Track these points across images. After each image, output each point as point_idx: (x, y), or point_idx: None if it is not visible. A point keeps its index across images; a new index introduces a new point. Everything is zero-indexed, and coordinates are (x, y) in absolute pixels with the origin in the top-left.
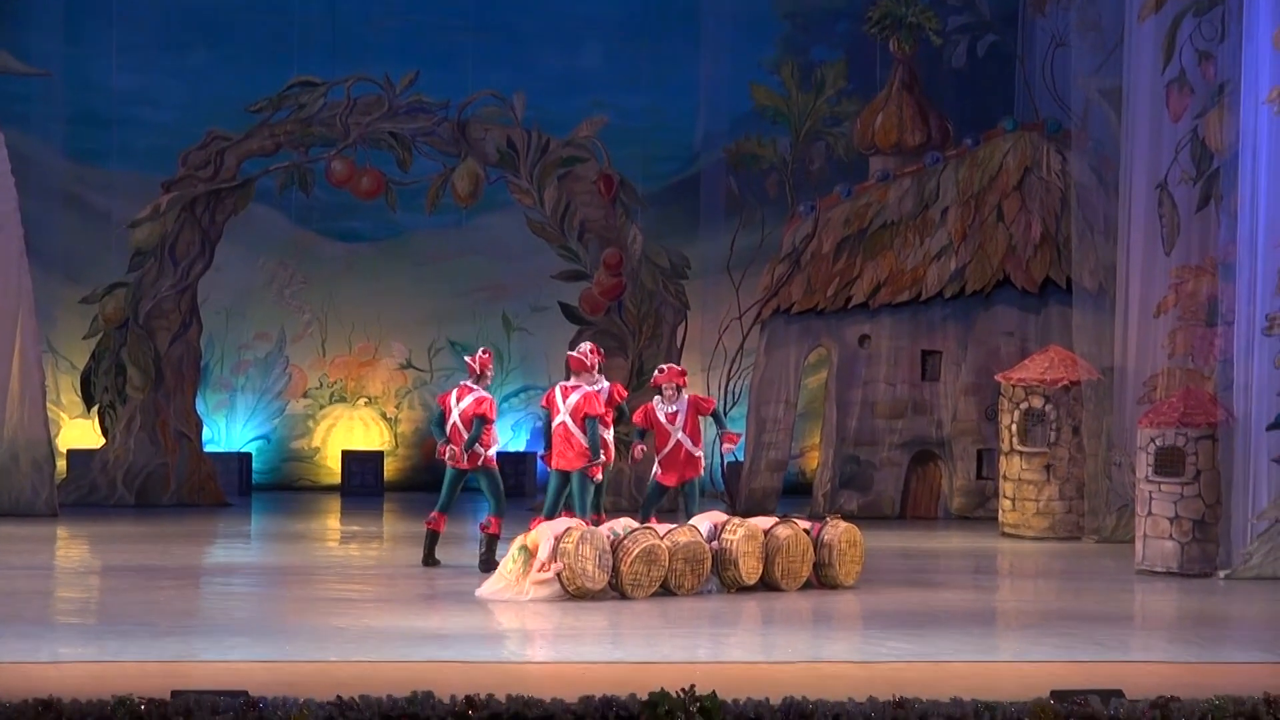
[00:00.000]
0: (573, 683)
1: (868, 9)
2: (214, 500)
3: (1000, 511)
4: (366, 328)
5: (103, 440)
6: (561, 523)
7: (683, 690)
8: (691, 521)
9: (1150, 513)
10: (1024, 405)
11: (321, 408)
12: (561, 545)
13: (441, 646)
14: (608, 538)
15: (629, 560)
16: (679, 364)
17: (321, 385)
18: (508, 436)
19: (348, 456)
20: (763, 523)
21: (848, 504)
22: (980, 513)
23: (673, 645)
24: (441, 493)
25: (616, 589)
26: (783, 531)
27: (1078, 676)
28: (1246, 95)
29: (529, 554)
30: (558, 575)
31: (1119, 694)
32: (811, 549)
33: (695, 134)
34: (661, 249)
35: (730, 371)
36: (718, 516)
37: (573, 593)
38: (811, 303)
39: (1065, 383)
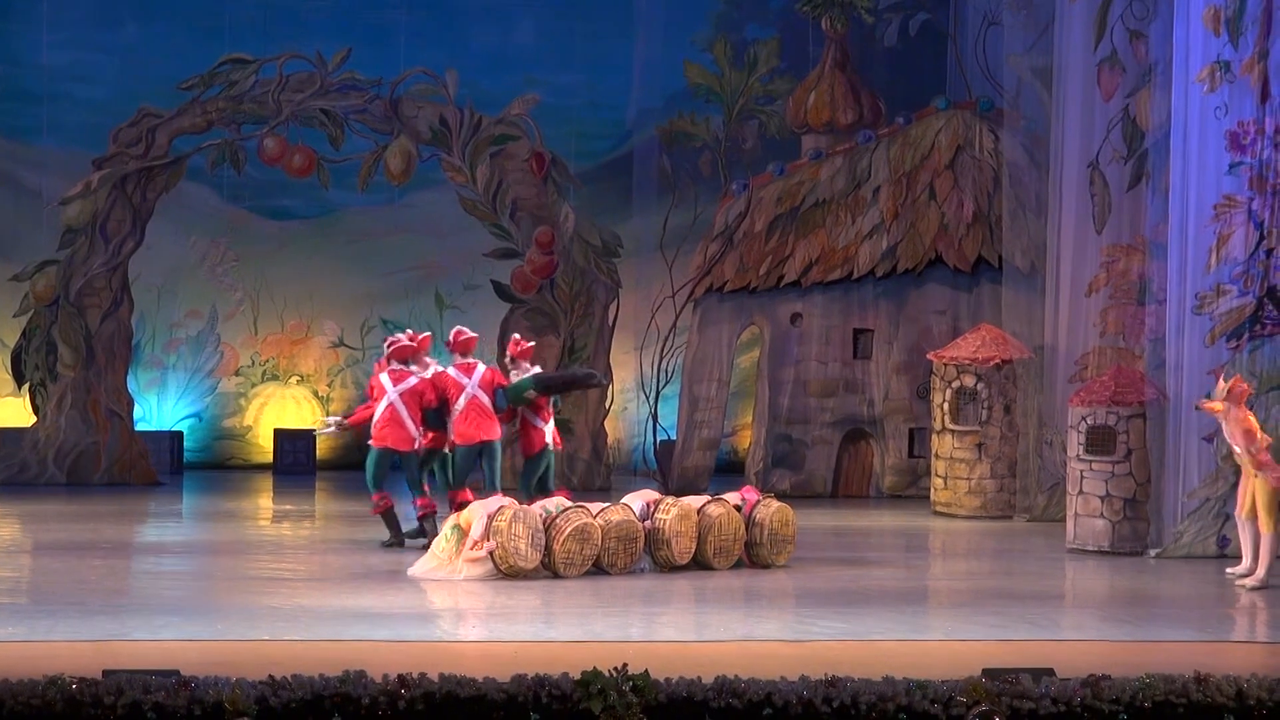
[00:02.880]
0: (505, 662)
1: None
2: (145, 479)
3: (932, 490)
4: (299, 306)
5: (33, 419)
6: (494, 501)
7: (615, 669)
8: (625, 500)
9: (1081, 491)
10: (956, 384)
11: (253, 386)
12: (494, 524)
13: (374, 626)
14: (540, 516)
15: (561, 539)
16: (609, 344)
17: (253, 363)
18: None
19: (280, 435)
20: (695, 501)
21: (780, 483)
22: (912, 491)
23: (605, 624)
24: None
25: (549, 568)
26: (714, 510)
27: (1009, 655)
28: (1177, 74)
29: (461, 533)
30: (490, 554)
31: (1050, 672)
32: (743, 527)
33: (628, 112)
34: (594, 227)
35: (663, 350)
36: (650, 495)
37: (505, 571)
38: (744, 281)
39: (997, 361)
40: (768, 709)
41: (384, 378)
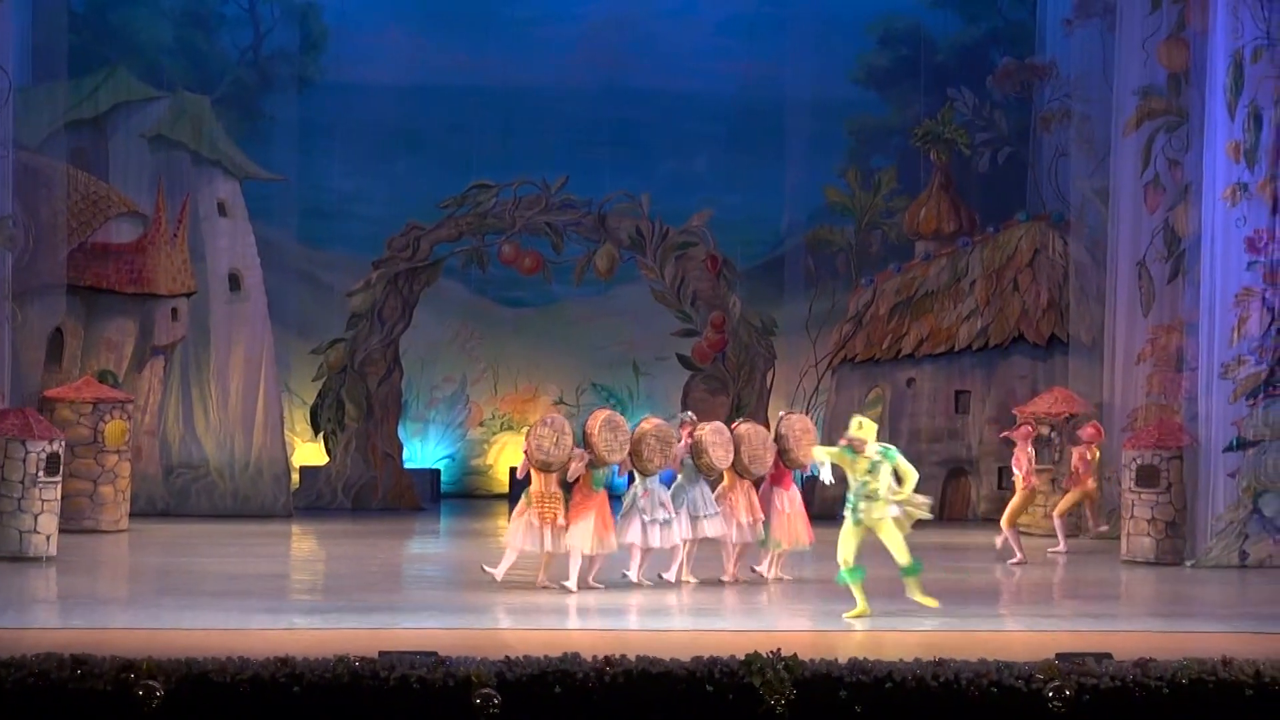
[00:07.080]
0: (686, 646)
1: (914, 127)
2: (412, 505)
3: None
4: (528, 372)
5: (327, 459)
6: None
7: (771, 652)
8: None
9: (1133, 515)
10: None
11: (494, 434)
12: (531, 429)
13: (586, 618)
14: (566, 420)
15: (598, 429)
16: (767, 403)
17: (494, 417)
18: None
19: (514, 471)
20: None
21: None
22: (1000, 516)
23: (761, 618)
24: None
25: (598, 460)
26: (743, 428)
27: (1077, 642)
28: (1206, 193)
29: (530, 496)
30: (525, 452)
31: (1109, 656)
32: (771, 439)
33: (781, 224)
34: (755, 312)
35: (808, 407)
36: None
37: (537, 465)
38: (870, 354)
39: (1066, 415)
40: (889, 683)
41: None
